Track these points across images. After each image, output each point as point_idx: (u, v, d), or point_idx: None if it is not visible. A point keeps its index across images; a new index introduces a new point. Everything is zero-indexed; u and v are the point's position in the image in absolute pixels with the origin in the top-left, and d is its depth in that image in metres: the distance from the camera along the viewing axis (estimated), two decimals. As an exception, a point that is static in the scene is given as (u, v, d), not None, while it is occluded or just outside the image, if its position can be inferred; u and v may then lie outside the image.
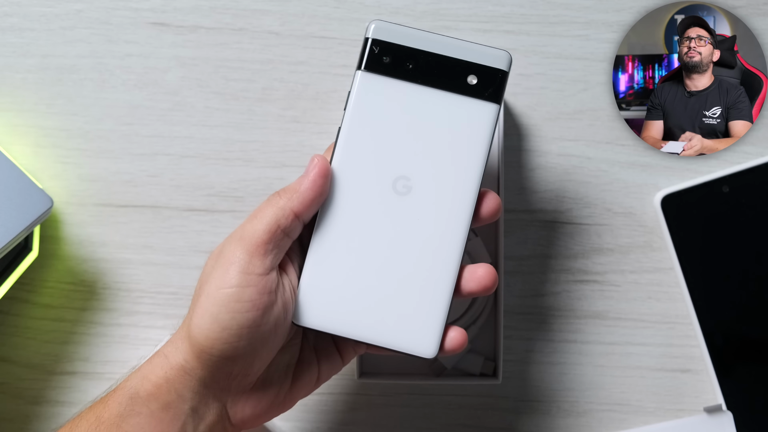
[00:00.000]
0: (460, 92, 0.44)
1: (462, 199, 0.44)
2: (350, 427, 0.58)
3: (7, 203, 0.51)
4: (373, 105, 0.44)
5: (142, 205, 0.58)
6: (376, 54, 0.44)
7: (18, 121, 0.57)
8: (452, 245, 0.44)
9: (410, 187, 0.44)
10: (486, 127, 0.44)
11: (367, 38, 0.44)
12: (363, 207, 0.44)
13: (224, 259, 0.42)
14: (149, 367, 0.43)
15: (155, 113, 0.57)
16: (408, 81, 0.44)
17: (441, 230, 0.44)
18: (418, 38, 0.44)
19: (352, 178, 0.44)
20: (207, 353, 0.42)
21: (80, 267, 0.58)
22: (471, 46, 0.45)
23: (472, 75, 0.44)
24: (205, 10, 0.57)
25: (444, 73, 0.44)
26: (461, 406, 0.58)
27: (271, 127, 0.57)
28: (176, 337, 0.44)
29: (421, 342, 0.44)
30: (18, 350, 0.57)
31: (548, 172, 0.57)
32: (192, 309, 0.43)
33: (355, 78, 0.44)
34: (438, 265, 0.44)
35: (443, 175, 0.44)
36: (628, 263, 0.57)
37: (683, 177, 0.57)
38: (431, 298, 0.44)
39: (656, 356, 0.57)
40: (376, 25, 0.44)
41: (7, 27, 0.57)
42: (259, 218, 0.42)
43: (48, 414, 0.57)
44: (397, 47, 0.44)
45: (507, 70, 0.45)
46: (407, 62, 0.44)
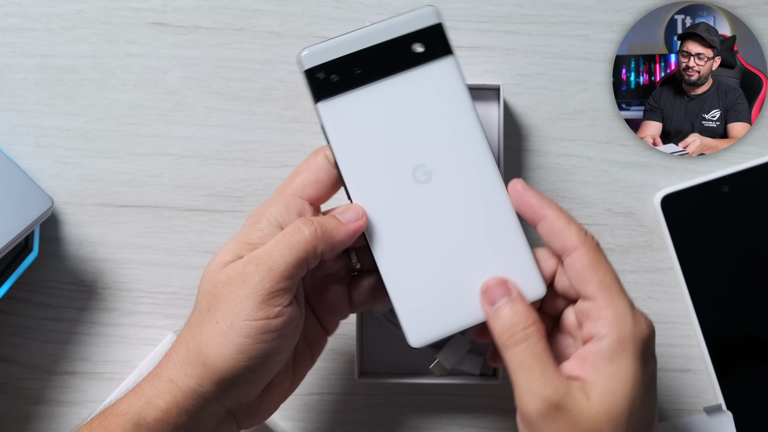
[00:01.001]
0: (415, 65, 0.44)
1: (480, 153, 0.44)
2: (350, 427, 0.58)
3: (7, 203, 0.51)
4: (350, 125, 0.44)
5: (142, 205, 0.58)
6: (322, 79, 0.43)
7: (18, 121, 0.57)
8: (498, 196, 0.44)
9: (429, 172, 0.44)
10: (456, 80, 0.44)
11: (306, 71, 0.43)
12: (404, 212, 0.44)
13: (249, 287, 0.41)
14: (152, 391, 0.42)
15: (155, 113, 0.57)
16: (364, 85, 0.44)
17: (479, 191, 0.44)
18: (348, 42, 0.44)
19: (378, 197, 0.44)
20: (228, 379, 0.41)
21: (80, 267, 0.58)
22: (396, 21, 0.44)
23: (414, 44, 0.44)
24: (205, 10, 0.57)
25: (390, 59, 0.44)
26: (461, 406, 0.58)
27: (271, 127, 0.57)
28: (180, 361, 0.42)
29: (529, 288, 0.44)
30: (18, 350, 0.57)
31: (548, 172, 0.57)
32: (207, 334, 0.41)
33: (318, 112, 0.44)
34: (497, 219, 0.44)
35: (449, 143, 0.44)
36: (628, 263, 0.57)
37: (683, 177, 0.57)
38: (509, 248, 0.44)
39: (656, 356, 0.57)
40: (307, 53, 0.44)
41: (7, 27, 0.57)
42: (289, 248, 0.41)
43: (48, 414, 0.57)
44: (335, 62, 0.44)
45: (440, 21, 0.44)
46: (353, 68, 0.44)
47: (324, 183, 0.45)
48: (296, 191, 0.44)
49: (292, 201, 0.44)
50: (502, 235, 0.44)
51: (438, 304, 0.44)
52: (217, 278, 0.42)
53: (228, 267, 0.42)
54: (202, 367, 0.41)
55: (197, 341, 0.42)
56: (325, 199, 0.46)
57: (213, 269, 0.43)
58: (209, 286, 0.42)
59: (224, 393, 0.42)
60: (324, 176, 0.45)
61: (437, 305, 0.44)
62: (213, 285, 0.42)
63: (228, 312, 0.41)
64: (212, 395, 0.42)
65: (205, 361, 0.41)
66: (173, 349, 0.43)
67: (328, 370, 0.58)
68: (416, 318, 0.44)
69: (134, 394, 0.42)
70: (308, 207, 0.44)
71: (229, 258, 0.43)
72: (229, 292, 0.41)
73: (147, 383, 0.43)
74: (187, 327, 0.43)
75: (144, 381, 0.43)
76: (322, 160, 0.45)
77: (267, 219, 0.43)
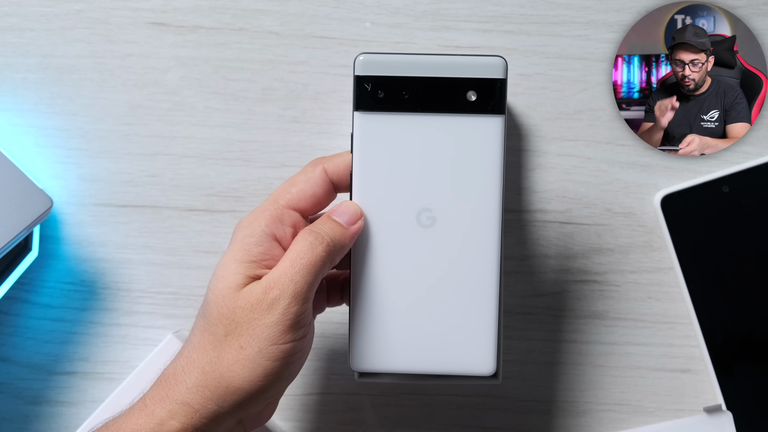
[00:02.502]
0: (462, 111, 0.43)
1: (488, 219, 0.44)
2: (350, 427, 0.58)
3: (7, 203, 0.51)
4: (379, 144, 0.43)
5: (142, 205, 0.58)
6: (369, 91, 0.43)
7: (18, 121, 0.57)
8: (488, 265, 0.44)
9: (434, 218, 0.44)
10: (496, 142, 0.43)
11: (356, 76, 0.43)
12: (394, 246, 0.44)
13: (276, 314, 0.41)
14: (164, 413, 0.41)
15: (155, 113, 0.57)
16: (407, 112, 0.43)
17: (473, 253, 0.44)
18: (407, 64, 0.43)
19: (378, 219, 0.44)
20: (252, 399, 0.42)
21: (80, 267, 0.58)
22: (463, 61, 0.43)
23: (471, 91, 0.43)
24: (205, 10, 0.57)
25: (441, 96, 0.43)
26: (461, 406, 0.58)
27: (271, 127, 0.57)
28: (195, 385, 0.42)
29: (478, 362, 0.45)
30: (18, 350, 0.57)
31: (548, 172, 0.57)
32: (230, 359, 0.41)
33: (354, 120, 0.43)
34: (478, 286, 0.44)
35: (464, 199, 0.44)
36: (628, 263, 0.57)
37: (683, 177, 0.57)
38: (479, 318, 0.44)
39: (656, 356, 0.57)
40: (363, 59, 0.43)
41: (7, 27, 0.57)
42: (308, 269, 0.41)
43: (48, 414, 0.57)
44: (388, 79, 0.43)
45: (504, 77, 0.43)
46: (402, 92, 0.43)
47: (320, 198, 0.45)
48: (291, 203, 0.44)
49: (287, 214, 0.44)
50: (477, 305, 0.44)
51: (392, 340, 0.44)
52: (235, 303, 0.42)
53: (244, 291, 0.42)
54: (224, 391, 0.41)
55: (217, 366, 0.41)
56: (316, 213, 0.46)
57: (225, 293, 0.42)
58: (226, 311, 0.42)
59: (242, 409, 0.42)
60: (320, 191, 0.45)
61: (390, 341, 0.44)
62: (230, 310, 0.42)
63: (254, 338, 0.41)
64: (230, 413, 0.42)
65: (229, 385, 0.41)
66: (183, 371, 0.42)
67: (328, 370, 0.58)
68: (366, 344, 0.44)
69: (140, 414, 0.42)
70: (301, 220, 0.44)
71: (239, 280, 0.42)
72: (252, 319, 0.41)
73: (156, 404, 0.42)
74: (198, 350, 0.42)
75: (150, 400, 0.42)
76: (320, 174, 0.45)
77: (262, 231, 0.43)
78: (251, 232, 0.43)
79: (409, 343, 0.44)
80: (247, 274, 0.42)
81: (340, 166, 0.45)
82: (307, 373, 0.58)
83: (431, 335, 0.44)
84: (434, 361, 0.45)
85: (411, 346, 0.44)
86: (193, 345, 0.43)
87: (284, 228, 0.43)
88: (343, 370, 0.58)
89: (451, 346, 0.45)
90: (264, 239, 0.43)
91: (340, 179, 0.45)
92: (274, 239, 0.43)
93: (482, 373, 0.45)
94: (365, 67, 0.43)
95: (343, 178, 0.45)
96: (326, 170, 0.45)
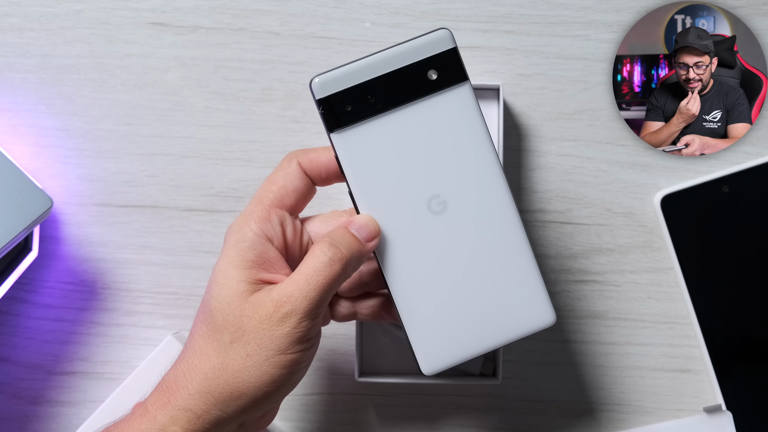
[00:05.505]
0: (429, 93, 0.43)
1: (493, 181, 0.44)
2: (350, 427, 0.58)
3: (7, 203, 0.51)
4: (365, 156, 0.43)
5: (142, 205, 0.58)
6: (336, 109, 0.43)
7: (18, 121, 0.57)
8: (509, 223, 0.44)
9: (444, 201, 0.44)
10: (471, 110, 0.44)
11: (318, 100, 0.43)
12: (418, 243, 0.44)
13: (287, 327, 0.41)
14: (165, 419, 0.41)
15: (155, 113, 0.57)
16: (379, 114, 0.43)
17: (492, 219, 0.44)
18: (361, 70, 0.43)
19: (394, 225, 0.44)
20: (257, 404, 0.42)
21: (80, 267, 0.58)
22: (411, 45, 0.43)
23: (430, 70, 0.43)
24: (205, 10, 0.57)
25: (404, 87, 0.43)
26: (461, 406, 0.58)
27: (271, 127, 0.57)
28: (198, 391, 0.42)
29: (537, 316, 0.45)
30: (18, 350, 0.57)
31: (548, 172, 0.57)
32: (236, 367, 0.41)
33: (333, 142, 0.43)
34: (509, 247, 0.44)
35: (464, 172, 0.44)
36: (627, 263, 0.57)
37: (683, 177, 0.57)
38: (520, 276, 0.44)
39: (656, 356, 0.57)
40: (318, 81, 0.42)
41: (7, 27, 0.57)
42: (323, 285, 0.41)
43: (48, 414, 0.57)
44: (349, 91, 0.43)
45: (455, 45, 0.43)
46: (367, 97, 0.43)
47: (301, 191, 0.45)
48: (275, 202, 0.44)
49: (274, 212, 0.44)
50: (514, 265, 0.44)
51: (450, 331, 0.44)
52: (242, 312, 0.42)
53: (253, 302, 0.42)
54: (228, 397, 0.41)
55: (221, 372, 0.41)
56: (302, 208, 0.46)
57: (230, 300, 0.42)
58: (232, 319, 0.42)
59: (245, 414, 0.42)
60: (300, 185, 0.45)
61: (449, 333, 0.44)
62: (237, 318, 0.42)
63: (262, 347, 0.41)
64: (233, 418, 0.42)
65: (233, 391, 0.41)
66: (184, 377, 0.42)
67: (328, 370, 0.58)
68: (429, 346, 0.44)
69: (142, 419, 0.42)
70: (288, 217, 0.44)
71: (243, 287, 0.42)
72: (261, 329, 0.41)
73: (157, 410, 0.42)
74: (200, 355, 0.42)
75: (151, 406, 0.42)
76: (296, 168, 0.45)
77: (254, 234, 0.43)
78: (243, 237, 0.43)
79: (465, 327, 0.44)
80: (248, 280, 0.42)
81: (314, 161, 0.45)
82: (307, 373, 0.58)
83: (483, 311, 0.44)
84: (496, 334, 0.45)
85: (469, 329, 0.44)
86: (194, 350, 0.43)
87: (273, 227, 0.44)
88: (343, 370, 0.58)
89: (505, 313, 0.45)
90: (257, 242, 0.43)
91: (317, 174, 0.45)
92: (267, 240, 0.43)
93: (546, 325, 0.45)
94: (323, 88, 0.43)
95: (318, 173, 0.45)
96: (301, 164, 0.45)
